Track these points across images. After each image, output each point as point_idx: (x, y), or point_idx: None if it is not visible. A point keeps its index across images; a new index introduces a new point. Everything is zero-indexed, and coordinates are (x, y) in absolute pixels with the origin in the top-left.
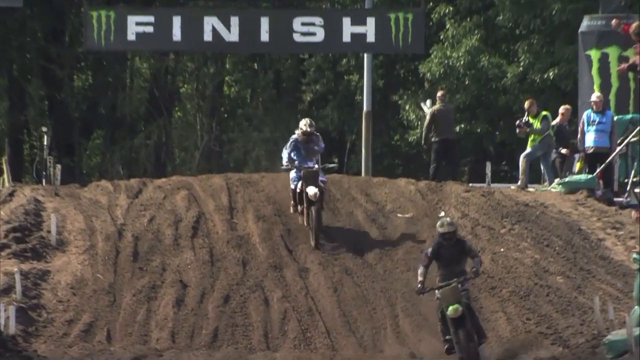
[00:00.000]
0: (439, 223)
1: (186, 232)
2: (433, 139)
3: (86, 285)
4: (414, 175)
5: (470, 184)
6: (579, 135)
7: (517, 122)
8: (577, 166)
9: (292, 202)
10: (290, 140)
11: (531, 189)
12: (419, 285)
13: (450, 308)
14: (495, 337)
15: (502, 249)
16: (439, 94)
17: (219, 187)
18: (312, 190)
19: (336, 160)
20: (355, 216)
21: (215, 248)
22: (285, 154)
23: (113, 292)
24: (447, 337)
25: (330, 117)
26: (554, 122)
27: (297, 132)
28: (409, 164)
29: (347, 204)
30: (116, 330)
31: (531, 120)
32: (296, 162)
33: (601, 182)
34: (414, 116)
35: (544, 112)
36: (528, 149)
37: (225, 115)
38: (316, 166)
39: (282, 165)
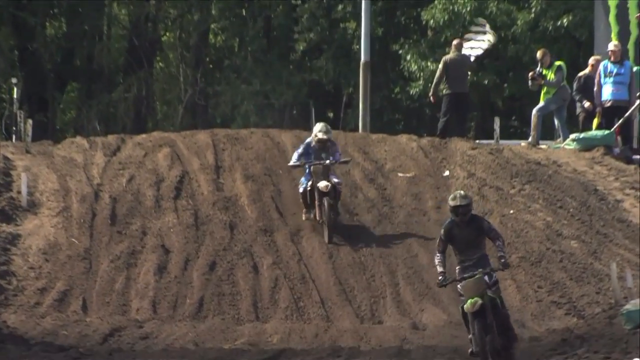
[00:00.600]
0: (450, 196)
1: (168, 193)
2: (444, 92)
3: (60, 251)
4: (416, 132)
5: (477, 141)
6: (595, 88)
7: (530, 74)
8: (594, 122)
9: (304, 208)
10: (303, 143)
11: (543, 146)
12: (440, 277)
13: (469, 301)
14: None
15: (511, 211)
16: (455, 42)
17: (204, 144)
18: (323, 184)
19: (331, 114)
20: (352, 176)
21: (200, 210)
22: (295, 155)
23: (89, 258)
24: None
25: (324, 68)
26: (581, 74)
27: (311, 136)
28: (411, 119)
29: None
30: (92, 299)
31: (544, 72)
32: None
33: (619, 138)
34: (415, 67)
35: (557, 63)
36: (541, 103)
37: (211, 67)
38: (327, 161)
39: (291, 163)
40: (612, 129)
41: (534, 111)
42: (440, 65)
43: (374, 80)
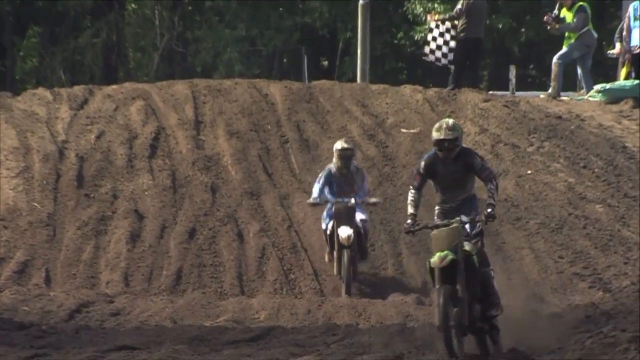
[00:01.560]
0: (435, 126)
1: (142, 152)
2: (461, 35)
3: (20, 216)
4: (422, 82)
5: (491, 92)
6: (623, 33)
7: (546, 17)
8: (622, 71)
9: (327, 248)
10: (324, 171)
11: (564, 98)
12: (409, 221)
13: (437, 254)
14: (520, 279)
15: (529, 172)
16: None
17: (182, 97)
18: (344, 232)
19: (326, 62)
20: (350, 132)
21: (178, 171)
22: (316, 188)
23: (53, 224)
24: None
25: (319, 10)
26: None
27: (332, 163)
28: (415, 68)
29: (340, 117)
30: (57, 271)
31: (563, 14)
32: (328, 196)
33: None
34: (421, 9)
35: (579, 3)
36: (563, 49)
37: (190, 8)
38: (353, 200)
39: (310, 200)
40: None
41: (555, 59)
42: (460, 5)
43: (374, 24)
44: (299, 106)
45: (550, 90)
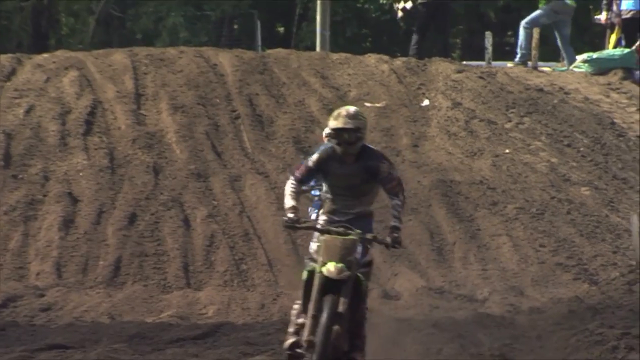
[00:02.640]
0: (333, 113)
1: (77, 128)
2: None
3: None
4: (388, 51)
5: (464, 62)
6: None
7: None
8: (611, 38)
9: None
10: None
11: (546, 69)
12: (291, 215)
13: (332, 263)
14: (496, 270)
15: (507, 151)
16: None
17: (121, 67)
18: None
19: (281, 29)
20: (308, 106)
21: (117, 150)
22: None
23: None
24: (301, 318)
25: None
26: None
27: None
28: (380, 35)
29: (297, 89)
30: None
31: None
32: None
33: None
34: None
35: None
36: (532, 14)
37: None
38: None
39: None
40: (634, 47)
41: (522, 23)
42: None
43: None
44: (251, 78)
45: (517, 59)
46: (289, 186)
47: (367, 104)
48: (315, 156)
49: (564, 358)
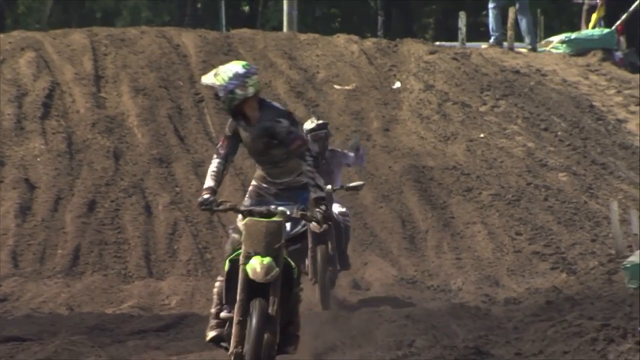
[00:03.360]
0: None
1: (34, 112)
2: None
3: None
4: (358, 31)
5: (437, 43)
6: None
7: None
8: (592, 16)
9: None
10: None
11: (522, 50)
12: (207, 195)
13: (258, 261)
14: (471, 259)
15: (481, 135)
16: None
17: (80, 48)
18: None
19: (246, 8)
20: (274, 88)
21: (75, 134)
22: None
23: None
24: (224, 311)
25: None
26: None
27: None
28: (350, 15)
29: (263, 71)
30: None
31: None
32: None
33: (622, 38)
34: None
35: None
36: None
37: None
38: (329, 187)
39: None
40: (614, 27)
41: (489, 5)
42: None
43: None
44: (215, 59)
45: (491, 41)
46: (212, 165)
47: (337, 86)
48: (228, 122)
49: (541, 350)
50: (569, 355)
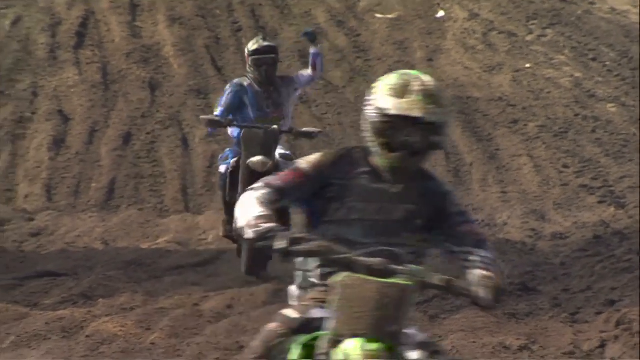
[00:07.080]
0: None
1: (68, 41)
2: None
3: None
4: None
5: None
6: None
7: None
8: None
9: (223, 211)
10: (231, 84)
11: None
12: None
13: (354, 345)
14: (517, 192)
15: (527, 65)
16: None
17: None
18: (258, 159)
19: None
20: (314, 17)
21: (111, 64)
22: (219, 106)
23: None
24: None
25: None
26: None
27: (246, 73)
28: None
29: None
30: None
31: None
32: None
33: None
34: None
35: None
36: None
37: None
38: (275, 126)
39: (206, 116)
40: None
41: None
42: None
43: None
44: None
45: None
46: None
47: (379, 15)
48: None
49: (589, 286)
50: (617, 292)
